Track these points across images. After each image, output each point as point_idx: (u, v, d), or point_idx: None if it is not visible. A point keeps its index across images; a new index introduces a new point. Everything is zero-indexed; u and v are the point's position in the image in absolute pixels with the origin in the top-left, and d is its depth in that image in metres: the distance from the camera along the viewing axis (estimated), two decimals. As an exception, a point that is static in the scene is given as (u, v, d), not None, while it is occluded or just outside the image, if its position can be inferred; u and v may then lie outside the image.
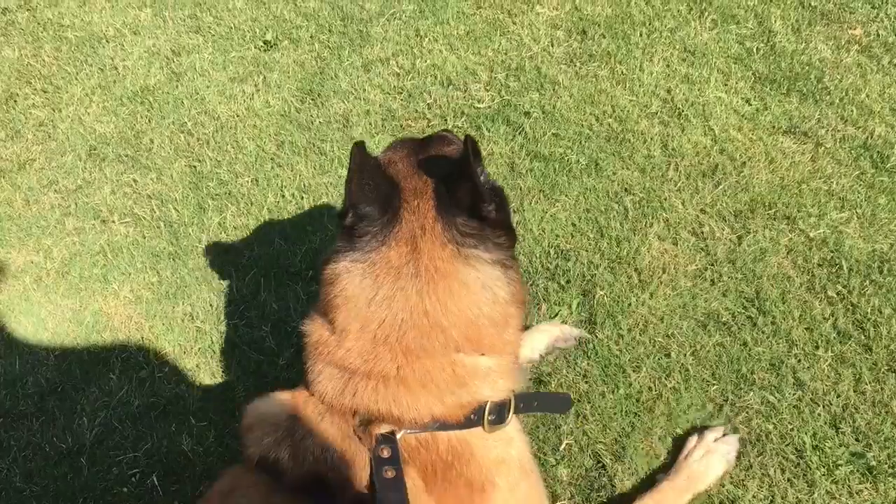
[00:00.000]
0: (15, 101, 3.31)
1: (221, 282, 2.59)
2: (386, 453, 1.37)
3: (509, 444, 1.54)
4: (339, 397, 1.45)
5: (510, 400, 1.51)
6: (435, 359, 1.43)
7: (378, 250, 1.45)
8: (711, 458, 1.95)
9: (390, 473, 1.34)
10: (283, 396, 1.55)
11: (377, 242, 1.45)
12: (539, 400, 1.74)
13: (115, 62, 3.42)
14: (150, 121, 3.14)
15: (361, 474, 1.39)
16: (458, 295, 1.43)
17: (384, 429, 1.42)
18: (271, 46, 3.36)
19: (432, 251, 1.43)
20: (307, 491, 1.39)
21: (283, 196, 2.79)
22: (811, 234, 2.41)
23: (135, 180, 2.92)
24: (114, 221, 2.80)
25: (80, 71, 3.40)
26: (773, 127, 2.74)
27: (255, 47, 3.37)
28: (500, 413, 1.49)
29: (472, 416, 1.46)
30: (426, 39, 3.24)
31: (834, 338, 2.18)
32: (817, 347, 2.16)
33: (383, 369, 1.42)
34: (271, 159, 2.92)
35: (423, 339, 1.42)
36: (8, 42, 3.61)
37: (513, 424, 1.55)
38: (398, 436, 1.41)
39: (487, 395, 1.48)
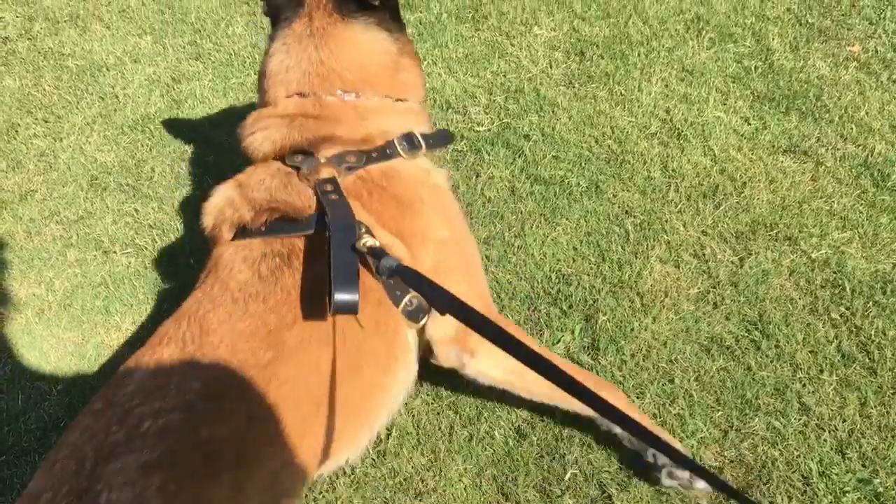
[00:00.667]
0: (16, 132, 3.32)
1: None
2: (329, 187, 1.68)
3: (429, 172, 1.91)
4: (284, 139, 1.80)
5: (416, 134, 1.88)
6: (338, 98, 1.86)
7: (288, 27, 1.93)
8: None
9: (334, 197, 1.65)
10: (226, 182, 1.85)
11: (287, 22, 1.93)
12: (433, 137, 1.97)
13: (116, 90, 3.43)
14: (150, 149, 3.15)
15: (311, 204, 1.70)
16: (346, 46, 1.89)
17: (325, 174, 1.73)
18: (270, 72, 3.36)
19: (322, 18, 1.90)
20: (271, 228, 1.69)
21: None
22: (813, 255, 2.40)
23: (136, 210, 2.92)
24: (115, 252, 2.80)
25: (80, 100, 3.41)
26: (773, 146, 2.74)
27: (255, 73, 3.38)
28: (410, 142, 1.85)
29: (387, 149, 1.82)
30: (425, 62, 3.24)
31: (838, 361, 2.17)
32: (822, 371, 2.15)
33: (308, 113, 1.83)
34: (272, 186, 2.92)
35: (324, 83, 1.86)
36: (9, 72, 3.63)
37: (431, 163, 1.94)
38: (339, 179, 1.72)
39: (394, 129, 1.86)
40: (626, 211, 2.63)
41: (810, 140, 2.72)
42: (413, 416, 2.23)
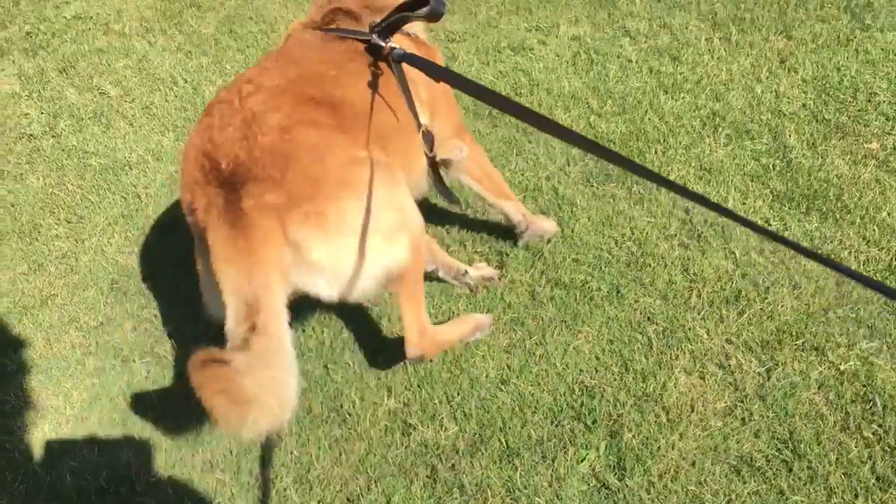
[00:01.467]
0: (38, 233, 3.36)
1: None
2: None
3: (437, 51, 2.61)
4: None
5: None
6: None
7: None
8: None
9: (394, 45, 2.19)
10: None
11: None
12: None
13: (138, 189, 3.48)
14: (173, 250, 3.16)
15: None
16: None
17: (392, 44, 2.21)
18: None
19: None
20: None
21: (306, 331, 2.78)
22: (842, 367, 2.35)
23: (155, 316, 2.92)
24: (134, 361, 2.79)
25: (103, 199, 3.46)
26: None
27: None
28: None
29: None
30: (442, 161, 3.27)
31: (873, 484, 2.10)
32: (857, 496, 2.08)
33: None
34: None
35: None
36: (33, 170, 3.70)
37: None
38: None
39: None
40: (648, 317, 2.60)
41: (832, 242, 2.69)
42: (435, 542, 2.17)
